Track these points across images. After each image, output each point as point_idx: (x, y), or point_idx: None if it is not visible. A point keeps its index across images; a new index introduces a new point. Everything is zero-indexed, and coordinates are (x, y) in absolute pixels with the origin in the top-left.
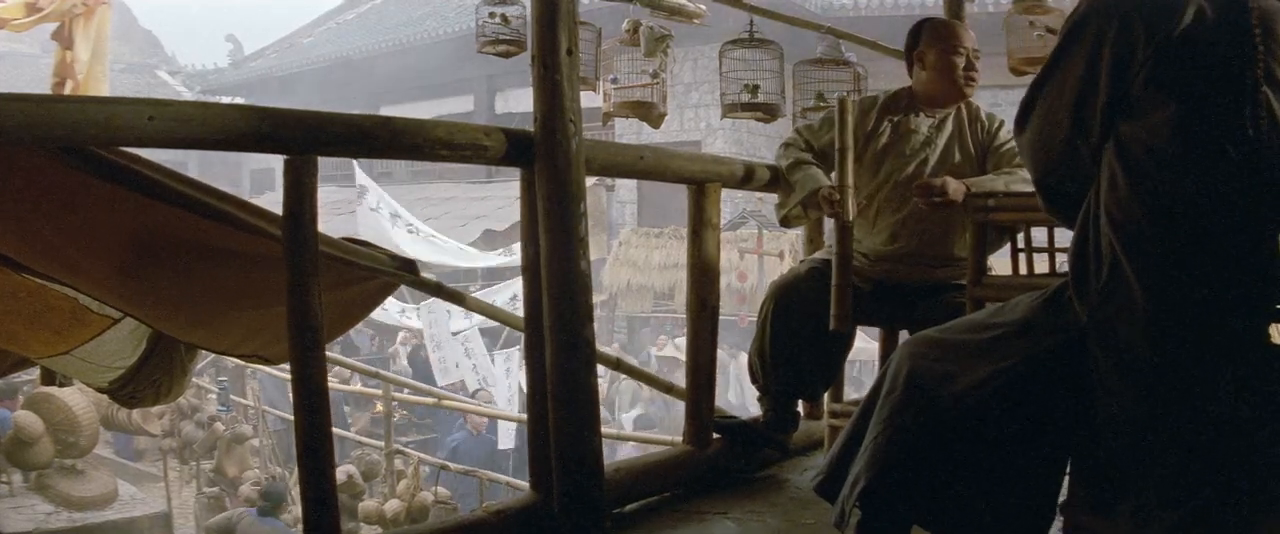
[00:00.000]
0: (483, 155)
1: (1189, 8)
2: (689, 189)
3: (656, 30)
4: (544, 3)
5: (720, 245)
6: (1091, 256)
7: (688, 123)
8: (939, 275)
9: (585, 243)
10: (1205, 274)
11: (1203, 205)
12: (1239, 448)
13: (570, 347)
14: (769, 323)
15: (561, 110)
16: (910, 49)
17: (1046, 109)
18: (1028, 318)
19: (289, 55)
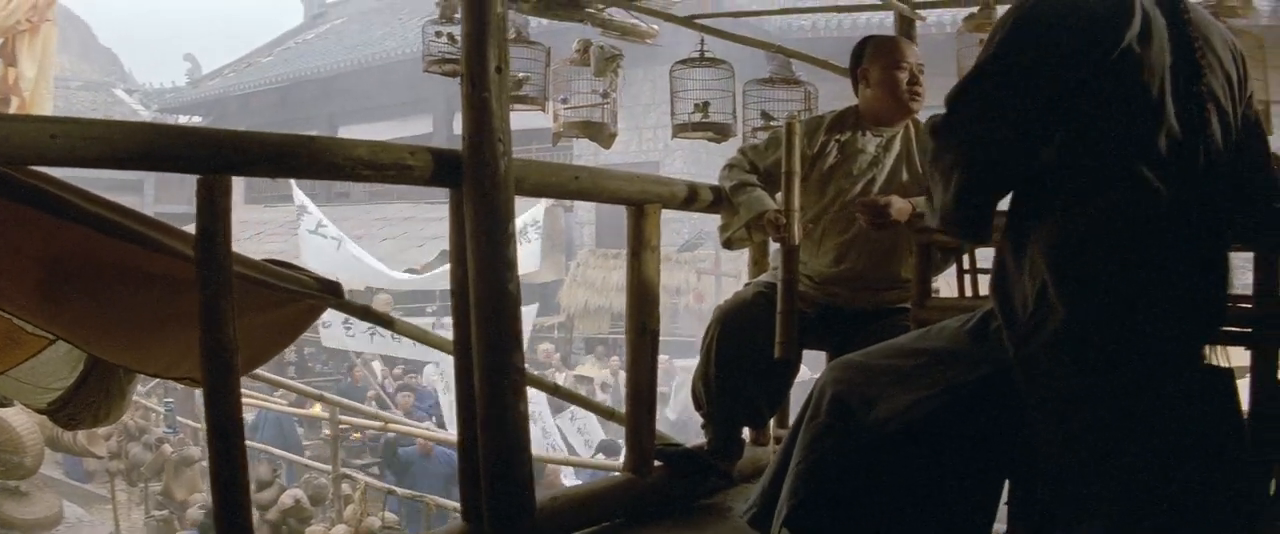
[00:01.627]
0: (408, 175)
1: (1134, 18)
2: (628, 210)
3: (607, 50)
4: (474, 20)
5: (660, 267)
6: (1014, 283)
7: (646, 143)
8: (885, 298)
9: (514, 265)
10: (1142, 297)
11: (1144, 225)
12: (1176, 477)
13: (499, 372)
14: (713, 348)
15: (490, 129)
16: (854, 67)
17: (982, 116)
18: (953, 346)
19: (247, 74)
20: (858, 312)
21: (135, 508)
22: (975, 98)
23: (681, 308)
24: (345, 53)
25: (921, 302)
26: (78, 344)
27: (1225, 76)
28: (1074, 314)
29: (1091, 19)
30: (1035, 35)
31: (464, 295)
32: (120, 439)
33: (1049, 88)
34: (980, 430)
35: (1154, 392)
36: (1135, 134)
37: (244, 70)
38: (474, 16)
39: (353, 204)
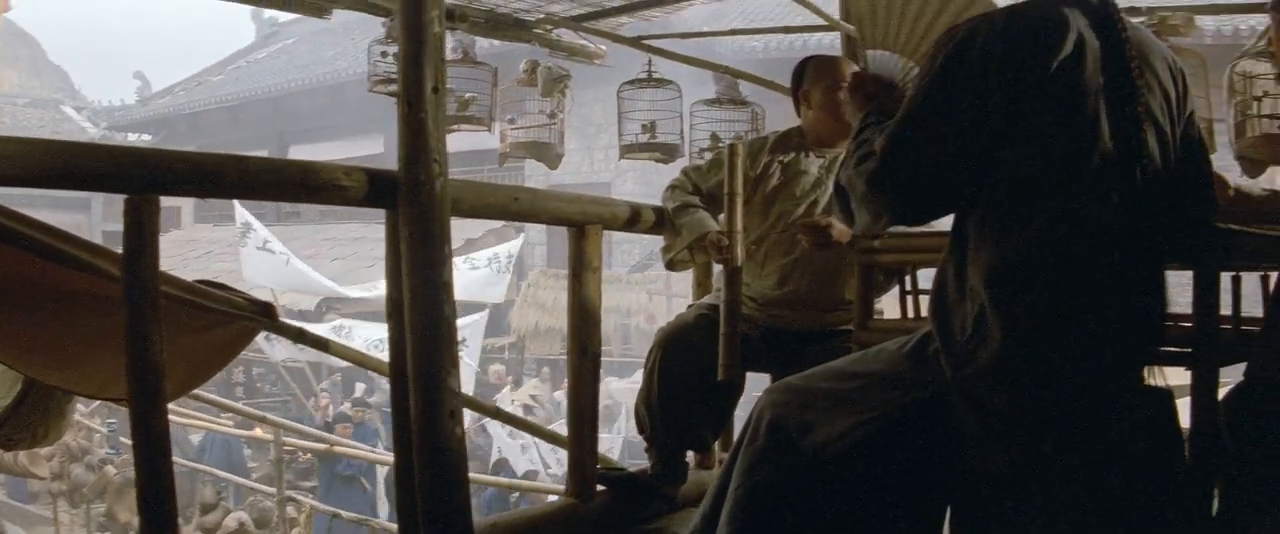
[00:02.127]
0: (342, 196)
1: (1069, 37)
2: (569, 231)
3: (555, 71)
4: (411, 40)
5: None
6: (953, 305)
7: (598, 164)
8: (829, 320)
9: (450, 287)
10: (1080, 320)
11: (1081, 246)
12: (1117, 500)
13: (434, 396)
14: (656, 371)
15: (426, 150)
16: (796, 89)
17: (924, 137)
18: (891, 369)
19: (198, 93)
20: (801, 333)
21: (78, 529)
22: (907, 144)
23: (633, 329)
24: (296, 72)
25: (863, 323)
26: (9, 364)
27: (1164, 95)
28: (1011, 338)
29: (1021, 44)
30: (964, 71)
31: (399, 318)
32: (62, 460)
33: (982, 121)
34: (919, 455)
35: (1092, 415)
36: (1071, 156)
37: (194, 88)
38: (411, 36)
39: (303, 223)
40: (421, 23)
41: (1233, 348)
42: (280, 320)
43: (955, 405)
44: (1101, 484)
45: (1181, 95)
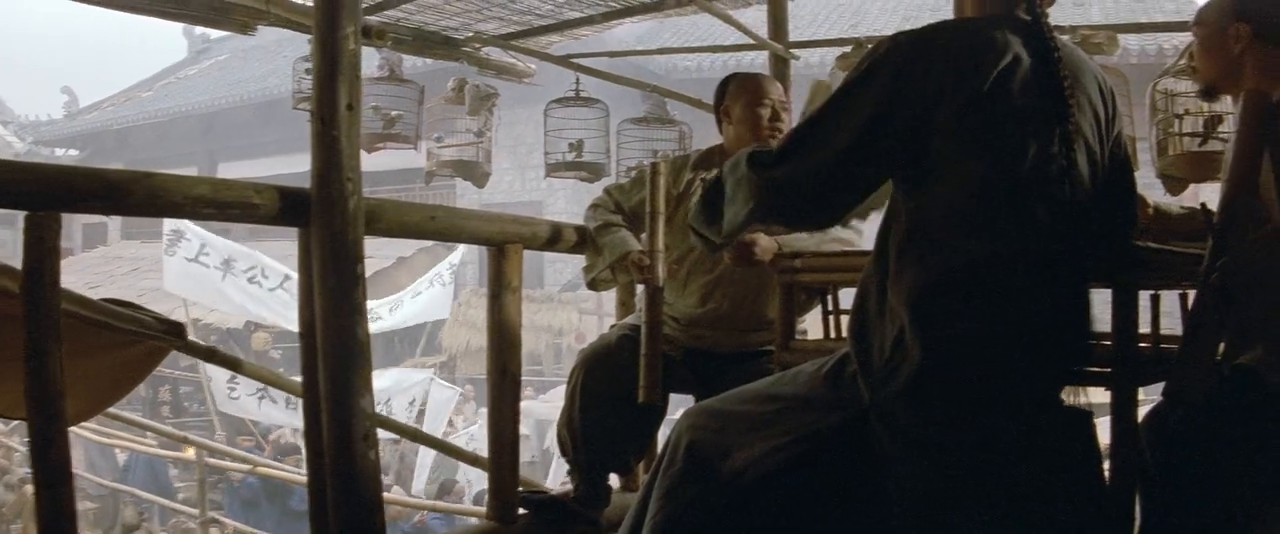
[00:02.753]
0: (253, 214)
1: (1003, 56)
2: (489, 251)
3: (483, 89)
4: (324, 57)
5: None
6: (873, 326)
7: (529, 182)
8: (752, 340)
9: (363, 308)
10: (1001, 341)
11: (1007, 266)
12: (1037, 522)
13: (347, 418)
14: (578, 393)
15: (339, 167)
16: (718, 105)
17: (813, 148)
18: (808, 392)
19: (126, 108)
20: (723, 354)
21: None
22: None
23: (565, 348)
24: (228, 89)
25: (785, 343)
26: None
27: (1094, 114)
28: (930, 359)
29: (952, 58)
30: (889, 78)
31: (311, 338)
32: None
33: (905, 125)
34: (840, 480)
35: (1011, 437)
36: (1001, 174)
37: (123, 104)
38: (325, 54)
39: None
40: (336, 40)
41: (1152, 367)
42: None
43: (874, 429)
44: (1022, 507)
45: (1111, 114)
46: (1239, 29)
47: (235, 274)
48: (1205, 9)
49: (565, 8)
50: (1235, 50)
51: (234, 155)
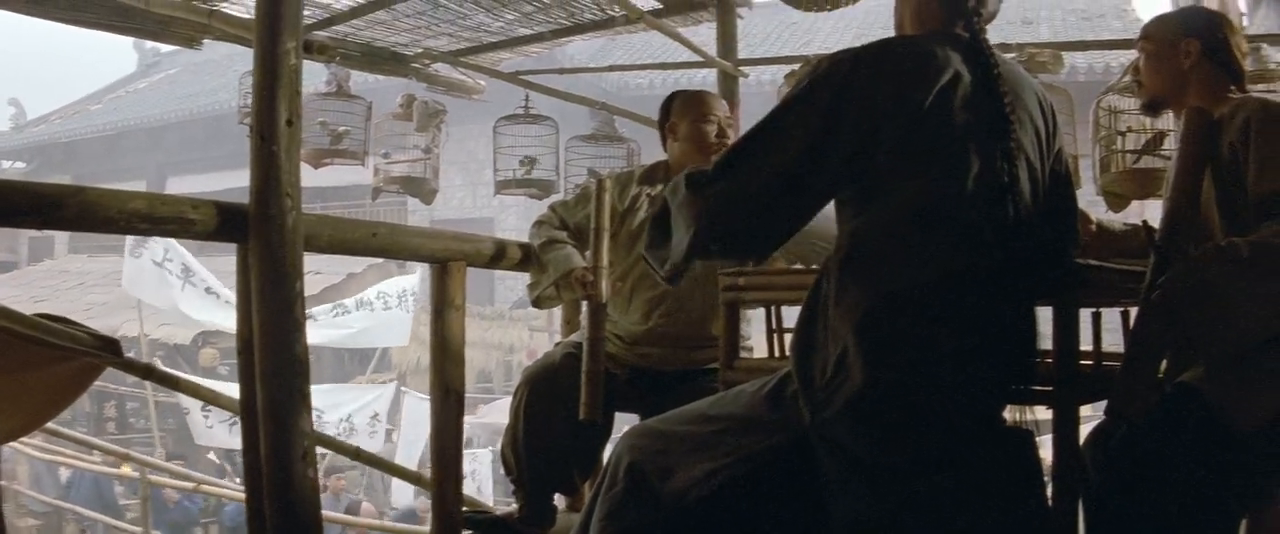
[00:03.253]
0: (190, 230)
1: (944, 72)
2: (432, 268)
3: (431, 105)
4: (264, 71)
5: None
6: (815, 346)
7: (481, 199)
8: (696, 358)
9: (301, 325)
10: (944, 360)
11: (950, 285)
12: None
13: (285, 437)
14: (522, 411)
15: (278, 183)
16: (662, 123)
17: (755, 167)
18: (749, 412)
19: (75, 121)
20: (668, 373)
21: None
22: (756, 145)
23: (515, 365)
24: (177, 103)
25: (729, 362)
26: None
27: (1035, 131)
28: (872, 379)
29: (895, 76)
30: (831, 96)
31: (250, 355)
32: None
33: (847, 143)
34: (781, 501)
35: (953, 458)
36: (942, 190)
37: (72, 117)
38: (265, 68)
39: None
40: (277, 54)
41: (1094, 384)
42: (127, 357)
43: (815, 450)
44: (964, 528)
45: (1052, 131)
46: (1189, 45)
47: (194, 283)
48: (1153, 24)
49: (516, 25)
50: (1184, 66)
51: (183, 170)
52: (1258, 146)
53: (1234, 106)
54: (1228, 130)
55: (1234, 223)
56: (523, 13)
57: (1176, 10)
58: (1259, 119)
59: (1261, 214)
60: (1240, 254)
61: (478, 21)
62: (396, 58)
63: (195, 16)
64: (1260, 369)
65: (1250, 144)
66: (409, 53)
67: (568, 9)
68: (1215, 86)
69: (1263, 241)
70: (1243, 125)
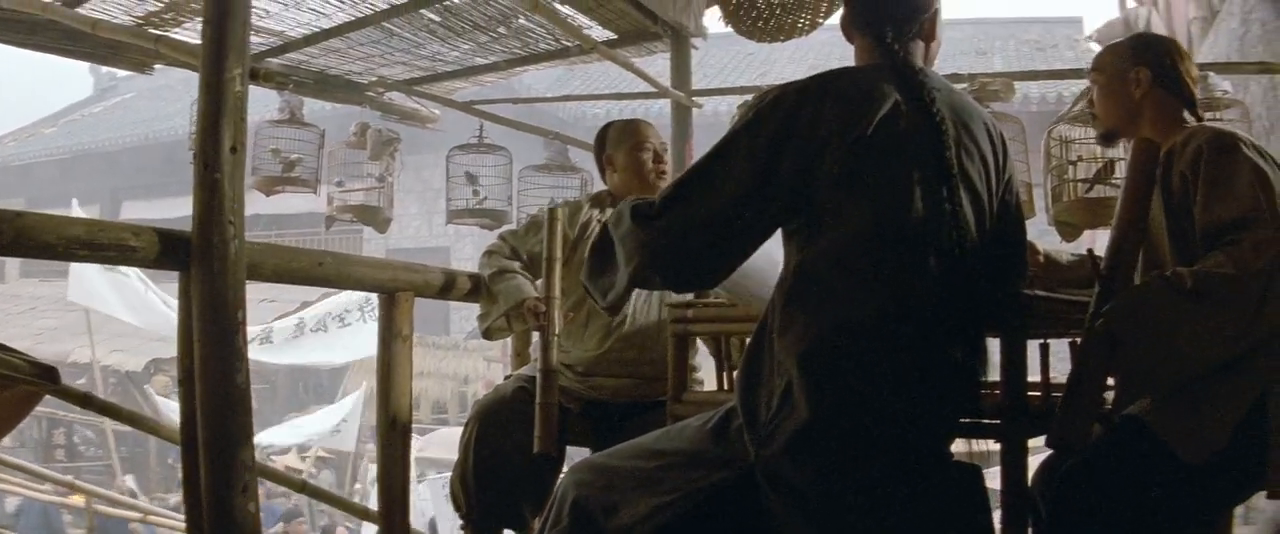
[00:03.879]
0: (131, 257)
1: (885, 102)
2: (380, 299)
3: (385, 133)
4: (209, 98)
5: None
6: (760, 380)
7: (437, 228)
8: (649, 391)
9: (243, 354)
10: (890, 394)
11: (895, 316)
12: None
13: (226, 469)
14: (471, 446)
15: (221, 211)
16: (599, 154)
17: (698, 200)
18: (694, 447)
19: (29, 144)
20: (621, 405)
21: None
22: (700, 178)
23: (471, 396)
24: (133, 128)
25: (678, 395)
26: None
27: (982, 161)
28: (817, 414)
29: (837, 106)
30: (776, 126)
31: (191, 385)
32: None
33: (791, 173)
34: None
35: (899, 493)
36: (885, 220)
37: (26, 139)
38: (210, 94)
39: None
40: (222, 81)
41: (1042, 417)
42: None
43: (760, 486)
44: None
45: (1001, 161)
46: (1139, 74)
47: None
48: (1103, 55)
49: (471, 54)
50: (1136, 95)
51: (139, 194)
52: (1207, 176)
53: (1187, 135)
54: (1180, 159)
55: (1184, 252)
56: (478, 42)
57: (1127, 39)
58: (1210, 148)
59: (1208, 244)
60: (1184, 284)
61: (433, 51)
62: (350, 86)
63: (143, 42)
64: (1205, 400)
65: (1200, 173)
66: (363, 81)
67: (523, 39)
68: (1168, 114)
69: (1206, 272)
70: (1194, 154)
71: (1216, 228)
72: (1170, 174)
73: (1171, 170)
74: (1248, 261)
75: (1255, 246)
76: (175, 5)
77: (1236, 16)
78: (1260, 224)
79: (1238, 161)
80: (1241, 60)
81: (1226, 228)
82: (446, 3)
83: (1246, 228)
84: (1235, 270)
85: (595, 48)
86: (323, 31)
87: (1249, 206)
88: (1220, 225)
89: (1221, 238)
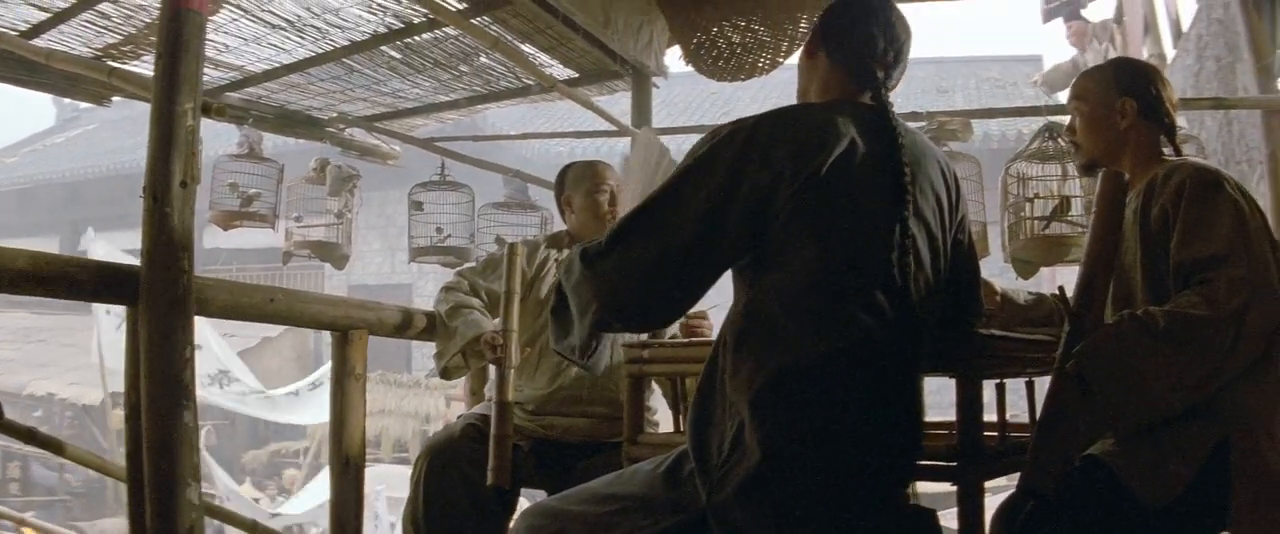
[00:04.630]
0: (78, 291)
1: (841, 140)
2: (333, 336)
3: (344, 169)
4: (159, 131)
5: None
6: (712, 423)
7: (400, 265)
8: (604, 431)
9: (191, 391)
10: (844, 437)
11: (849, 358)
12: None
13: (170, 509)
14: (422, 485)
15: (170, 245)
16: (559, 195)
17: (650, 238)
18: (646, 492)
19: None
20: (573, 445)
21: None
22: (650, 217)
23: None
24: (96, 159)
25: (633, 436)
26: None
27: (936, 200)
28: (769, 458)
29: (792, 141)
30: (728, 164)
31: (137, 421)
32: None
33: (745, 213)
34: None
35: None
36: (837, 259)
37: None
38: (160, 127)
39: None
40: (173, 114)
41: (998, 459)
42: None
43: (712, 532)
44: None
45: (954, 200)
46: (1125, 104)
47: None
48: (1084, 85)
49: (432, 92)
50: (1121, 126)
51: (100, 226)
52: (1188, 212)
53: (1170, 169)
54: (1161, 193)
55: (1157, 288)
56: (439, 80)
57: (1108, 65)
58: (1194, 184)
59: (1181, 281)
60: (1156, 325)
61: (394, 87)
62: (311, 121)
63: (97, 74)
64: (1168, 443)
65: (1181, 209)
66: (324, 116)
67: (484, 77)
68: (1151, 146)
69: (1179, 312)
70: (1176, 189)
71: (1191, 264)
72: (1150, 207)
73: (1152, 203)
74: (1221, 301)
75: (1229, 286)
76: (134, 38)
77: (1191, 53)
78: (1235, 263)
79: (1221, 200)
80: (1196, 96)
81: (1202, 265)
82: (408, 40)
83: (1221, 266)
84: (1209, 311)
85: (555, 86)
86: (283, 67)
87: (1226, 245)
88: (1195, 262)
89: (1195, 275)
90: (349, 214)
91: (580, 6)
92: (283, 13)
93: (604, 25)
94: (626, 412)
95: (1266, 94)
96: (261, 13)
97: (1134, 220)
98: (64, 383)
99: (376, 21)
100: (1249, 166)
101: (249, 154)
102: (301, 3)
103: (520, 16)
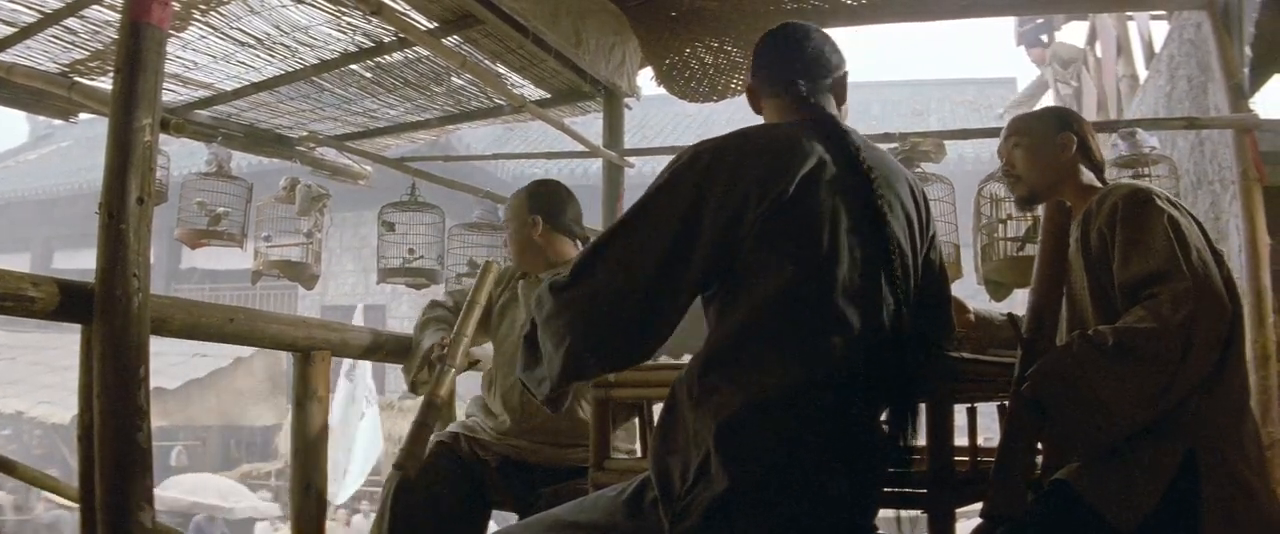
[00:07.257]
0: (29, 308)
1: (808, 158)
2: (294, 357)
3: (314, 189)
4: (116, 147)
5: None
6: (675, 450)
7: (373, 285)
8: (571, 457)
9: (146, 412)
10: (814, 465)
11: (814, 391)
12: None
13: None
14: (389, 506)
15: (125, 263)
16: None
17: (619, 266)
18: (608, 520)
19: None
20: (538, 468)
21: None
22: (616, 244)
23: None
24: (68, 176)
25: (600, 463)
26: None
27: (906, 219)
28: (735, 487)
29: (757, 162)
30: (692, 188)
31: (90, 442)
32: None
33: (714, 234)
34: None
35: None
36: (807, 280)
37: None
38: (118, 144)
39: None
40: (130, 130)
41: (970, 485)
42: None
43: None
44: None
45: (924, 220)
46: (1066, 138)
47: None
48: (1026, 120)
49: (404, 112)
50: (1063, 158)
51: (73, 244)
52: (1123, 232)
53: (1103, 194)
54: (1097, 217)
55: (1106, 311)
56: (411, 100)
57: (1045, 110)
58: (1125, 204)
59: (1128, 300)
60: (1106, 342)
61: (365, 107)
62: (280, 140)
63: (57, 89)
64: (1133, 463)
65: (1116, 229)
66: (294, 135)
67: (456, 97)
68: (1086, 179)
69: (1128, 328)
70: (1110, 211)
71: (1135, 282)
72: (1088, 233)
73: (1089, 229)
74: (1167, 315)
75: (1174, 299)
76: (102, 54)
77: (1163, 74)
78: (1176, 276)
79: (1152, 215)
80: (1169, 116)
81: (1144, 282)
82: (378, 59)
83: (1164, 281)
84: (1156, 324)
85: (526, 106)
86: (252, 85)
87: (1165, 260)
88: (1138, 280)
89: (1140, 292)
90: (319, 234)
91: (552, 26)
92: (252, 30)
93: (576, 46)
94: (593, 437)
95: (1237, 113)
96: (230, 30)
97: (1077, 248)
98: (33, 401)
99: (346, 40)
100: (1222, 186)
101: (218, 172)
102: (270, 20)
103: (491, 36)
